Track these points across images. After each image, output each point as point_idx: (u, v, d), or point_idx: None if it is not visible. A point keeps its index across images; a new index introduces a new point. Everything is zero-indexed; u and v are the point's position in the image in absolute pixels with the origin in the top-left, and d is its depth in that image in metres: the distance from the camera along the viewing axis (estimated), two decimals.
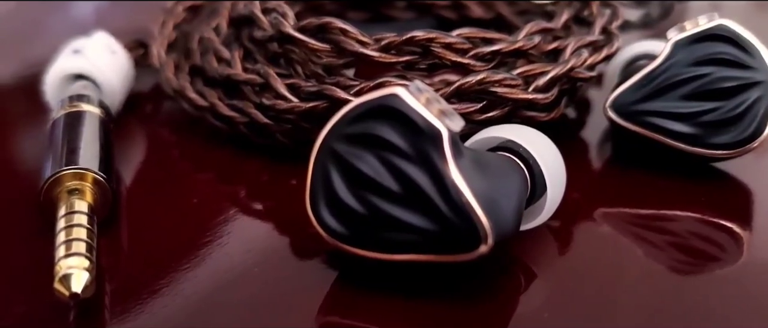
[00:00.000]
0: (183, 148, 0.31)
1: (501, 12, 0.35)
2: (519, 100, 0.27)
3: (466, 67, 0.27)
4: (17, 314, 0.22)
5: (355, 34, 0.27)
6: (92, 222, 0.23)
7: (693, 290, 0.24)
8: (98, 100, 0.28)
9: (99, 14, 0.43)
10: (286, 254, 0.25)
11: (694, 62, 0.27)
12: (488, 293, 0.23)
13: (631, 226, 0.26)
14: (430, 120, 0.21)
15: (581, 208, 0.27)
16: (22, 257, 0.24)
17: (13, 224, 0.26)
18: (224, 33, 0.31)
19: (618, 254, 0.25)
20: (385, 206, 0.21)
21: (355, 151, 0.22)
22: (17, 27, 0.41)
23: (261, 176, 0.29)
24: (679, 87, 0.27)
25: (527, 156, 0.24)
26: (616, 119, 0.28)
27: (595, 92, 0.33)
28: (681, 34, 0.28)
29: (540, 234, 0.25)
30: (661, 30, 0.36)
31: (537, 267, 0.24)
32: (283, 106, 0.28)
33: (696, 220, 0.26)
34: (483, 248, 0.21)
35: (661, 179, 0.28)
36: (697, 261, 0.25)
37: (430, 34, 0.27)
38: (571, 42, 0.29)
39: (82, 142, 0.26)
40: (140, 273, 0.24)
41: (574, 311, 0.23)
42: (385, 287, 0.23)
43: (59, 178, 0.24)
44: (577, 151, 0.30)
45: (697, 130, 0.27)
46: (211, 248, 0.25)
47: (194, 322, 0.22)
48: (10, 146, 0.32)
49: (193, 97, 0.30)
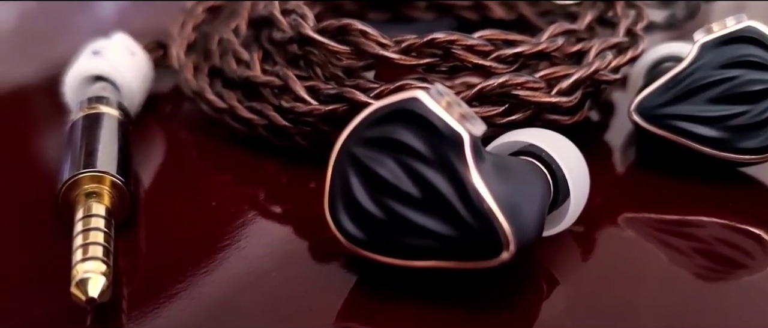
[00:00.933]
0: (201, 150, 0.31)
1: (523, 13, 0.35)
2: (542, 104, 0.27)
3: (488, 70, 0.27)
4: (34, 317, 0.22)
5: (375, 36, 0.27)
6: (109, 225, 0.23)
7: (718, 298, 0.24)
8: (117, 101, 0.28)
9: (120, 15, 0.43)
10: (305, 258, 0.25)
11: (721, 65, 0.27)
12: (510, 300, 0.23)
13: (656, 231, 0.26)
14: (451, 124, 0.21)
15: (605, 213, 0.26)
16: (40, 259, 0.24)
17: (32, 225, 0.26)
18: (243, 34, 0.31)
19: (642, 260, 0.25)
20: (404, 211, 0.21)
21: (375, 155, 0.21)
22: (39, 27, 0.42)
23: (280, 179, 0.29)
24: (706, 90, 0.27)
25: (550, 160, 0.24)
26: (641, 123, 0.28)
27: (619, 95, 0.32)
28: (708, 35, 0.27)
29: (563, 240, 0.25)
30: (686, 31, 0.36)
31: (560, 273, 0.24)
32: (302, 108, 0.27)
33: (722, 226, 0.26)
34: (505, 254, 0.21)
35: (686, 183, 0.28)
36: (723, 268, 0.25)
37: (451, 36, 0.27)
38: (595, 44, 0.29)
39: (101, 144, 0.26)
40: (157, 276, 0.24)
41: (596, 318, 0.22)
42: (405, 293, 0.23)
43: (77, 181, 0.24)
44: (600, 155, 0.30)
45: (725, 135, 0.27)
46: (228, 251, 0.25)
47: (211, 325, 0.22)
48: (32, 147, 0.32)
49: (212, 98, 0.30)
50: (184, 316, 0.22)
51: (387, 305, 0.23)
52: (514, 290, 0.23)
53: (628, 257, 0.25)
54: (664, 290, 0.24)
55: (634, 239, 0.26)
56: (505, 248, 0.21)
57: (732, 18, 0.27)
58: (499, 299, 0.23)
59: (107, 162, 0.25)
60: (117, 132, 0.27)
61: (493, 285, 0.23)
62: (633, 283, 0.24)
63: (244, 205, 0.27)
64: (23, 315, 0.22)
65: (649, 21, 0.32)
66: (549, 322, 0.22)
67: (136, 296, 0.23)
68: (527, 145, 0.24)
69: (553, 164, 0.23)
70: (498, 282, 0.23)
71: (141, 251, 0.25)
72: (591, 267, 0.25)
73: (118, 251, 0.23)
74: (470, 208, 0.20)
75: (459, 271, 0.22)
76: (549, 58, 0.28)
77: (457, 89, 0.27)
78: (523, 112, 0.27)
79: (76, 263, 0.21)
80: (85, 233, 0.22)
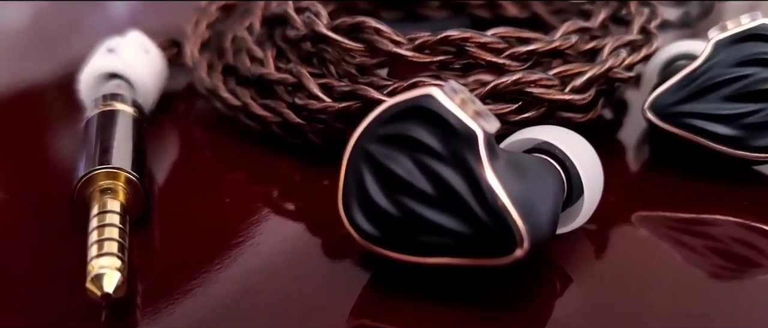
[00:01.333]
0: (215, 148, 0.31)
1: (536, 11, 0.34)
2: (555, 101, 0.27)
3: (502, 67, 0.27)
4: (50, 313, 0.23)
5: (388, 34, 0.27)
6: (124, 222, 0.23)
7: (734, 298, 0.23)
8: (132, 99, 0.28)
9: (134, 13, 0.43)
10: (318, 255, 0.25)
11: (736, 62, 0.27)
12: (523, 298, 0.23)
13: (670, 230, 0.26)
14: (465, 121, 0.21)
15: (618, 211, 0.26)
16: (56, 255, 0.25)
17: (48, 222, 0.26)
18: (257, 32, 0.31)
19: (656, 259, 0.25)
20: (418, 208, 0.21)
21: (389, 152, 0.21)
22: (53, 26, 0.42)
23: (293, 176, 0.29)
24: (720, 88, 0.27)
25: (564, 158, 0.23)
26: (655, 121, 0.27)
27: (632, 93, 0.32)
28: (723, 33, 0.27)
29: (576, 238, 0.25)
30: (700, 30, 0.36)
31: (573, 272, 0.24)
32: (315, 106, 0.27)
33: (737, 225, 0.26)
34: (519, 252, 0.21)
35: (701, 182, 0.27)
36: (738, 267, 0.24)
37: (464, 33, 0.27)
38: (608, 41, 0.29)
39: (115, 141, 0.26)
40: (172, 273, 0.24)
41: (610, 317, 0.22)
42: (418, 291, 0.23)
43: (92, 177, 0.24)
44: (614, 153, 0.29)
45: (739, 133, 0.26)
46: (242, 248, 0.25)
47: (225, 322, 0.22)
48: (48, 145, 0.32)
49: (226, 96, 0.30)
50: (198, 313, 0.22)
51: (400, 303, 0.23)
52: (528, 288, 0.23)
53: (641, 255, 0.25)
54: (678, 289, 0.23)
55: (647, 238, 0.26)
56: (519, 245, 0.21)
57: (747, 16, 0.27)
58: (512, 296, 0.23)
59: (122, 159, 0.25)
60: (132, 129, 0.27)
61: (507, 283, 0.23)
62: (646, 282, 0.24)
63: (258, 202, 0.27)
64: (39, 311, 0.23)
65: (663, 19, 0.32)
66: (562, 320, 0.22)
67: (150, 292, 0.23)
68: (541, 142, 0.24)
69: (567, 162, 0.23)
70: (511, 280, 0.23)
71: (155, 248, 0.25)
72: (604, 265, 0.25)
73: (132, 247, 0.23)
74: (484, 205, 0.20)
75: (472, 268, 0.22)
76: (562, 55, 0.28)
77: (470, 87, 0.27)
78: (537, 109, 0.27)
79: (92, 259, 0.22)
80: (100, 229, 0.23)
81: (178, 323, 0.22)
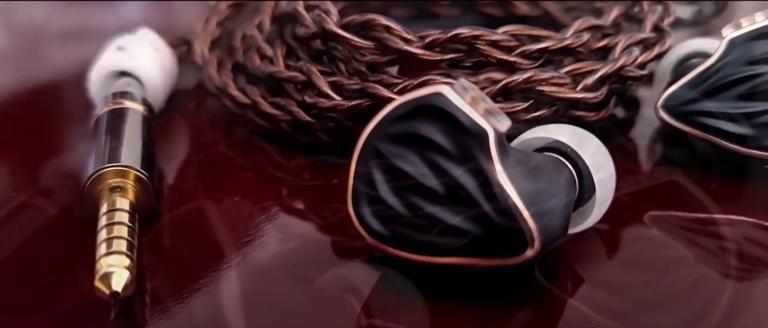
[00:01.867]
0: (225, 146, 0.31)
1: (548, 9, 0.34)
2: (567, 99, 0.27)
3: (513, 66, 0.27)
4: (59, 311, 0.23)
5: (399, 31, 0.27)
6: (133, 220, 0.23)
7: (747, 298, 0.23)
8: (141, 97, 0.28)
9: (144, 12, 0.43)
10: (328, 254, 0.24)
11: (750, 61, 0.26)
12: (534, 298, 0.23)
13: (683, 230, 0.26)
14: (475, 119, 0.20)
15: (631, 211, 0.26)
16: (64, 253, 0.25)
17: (56, 220, 0.26)
18: (267, 30, 0.31)
19: (668, 259, 0.25)
20: (428, 207, 0.21)
21: (399, 150, 0.21)
22: (65, 25, 0.42)
23: (303, 174, 0.29)
24: (734, 86, 0.26)
25: (575, 157, 0.23)
26: (668, 119, 0.27)
27: (645, 91, 0.32)
28: (737, 31, 0.27)
29: (588, 237, 0.25)
30: (713, 28, 0.36)
31: (584, 271, 0.24)
32: (325, 104, 0.27)
33: (751, 224, 0.26)
34: (529, 251, 0.20)
35: (714, 181, 0.27)
36: (752, 268, 0.24)
37: (475, 31, 0.27)
38: (621, 39, 0.28)
39: (125, 139, 0.26)
40: (181, 271, 0.24)
41: (621, 317, 0.22)
42: (428, 290, 0.23)
43: (101, 175, 0.24)
44: (626, 151, 0.29)
45: (753, 132, 0.26)
46: (251, 247, 0.25)
47: (234, 321, 0.22)
48: (58, 143, 0.32)
49: (236, 94, 0.30)
50: (207, 311, 0.22)
51: (410, 303, 0.22)
52: (539, 288, 0.23)
53: (654, 255, 0.25)
54: (692, 290, 0.23)
55: (660, 238, 0.25)
56: (530, 245, 0.20)
57: (761, 13, 0.27)
58: (523, 296, 0.23)
59: (131, 157, 0.25)
60: (141, 127, 0.27)
61: (518, 282, 0.23)
62: (659, 282, 0.24)
63: (267, 201, 0.27)
64: (48, 309, 0.23)
65: (676, 17, 0.31)
66: (573, 320, 0.22)
67: (159, 290, 0.23)
68: (552, 141, 0.24)
69: (579, 161, 0.23)
70: (523, 279, 0.23)
71: (164, 246, 0.25)
72: (616, 266, 0.24)
73: (141, 245, 0.23)
74: (495, 204, 0.20)
75: (483, 268, 0.21)
76: (574, 53, 0.28)
77: (481, 85, 0.26)
78: (548, 108, 0.27)
79: (100, 257, 0.22)
80: (109, 227, 0.23)
81: (186, 322, 0.22)
